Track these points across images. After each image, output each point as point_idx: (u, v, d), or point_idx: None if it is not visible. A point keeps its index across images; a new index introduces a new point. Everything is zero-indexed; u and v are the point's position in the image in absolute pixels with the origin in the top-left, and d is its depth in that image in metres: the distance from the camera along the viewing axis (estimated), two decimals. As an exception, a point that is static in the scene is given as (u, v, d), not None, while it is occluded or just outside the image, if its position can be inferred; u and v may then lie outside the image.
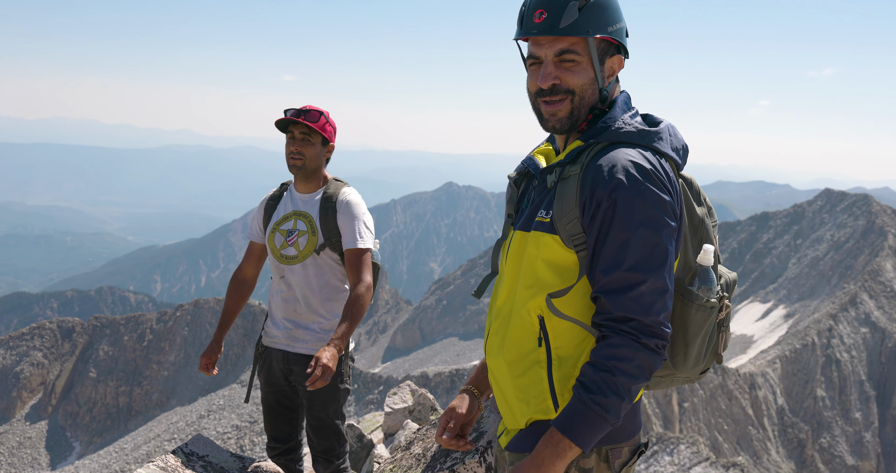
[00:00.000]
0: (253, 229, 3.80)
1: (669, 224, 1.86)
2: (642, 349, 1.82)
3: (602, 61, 1.98)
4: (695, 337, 2.02)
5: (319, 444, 3.65)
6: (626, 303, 1.83)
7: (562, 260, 1.92)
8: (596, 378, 1.81)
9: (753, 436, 42.68)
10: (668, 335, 1.86)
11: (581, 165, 1.92)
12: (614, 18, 1.95)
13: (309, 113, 3.49)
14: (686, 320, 2.01)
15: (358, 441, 5.93)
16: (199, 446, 3.65)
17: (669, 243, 1.86)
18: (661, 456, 27.70)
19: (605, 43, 1.97)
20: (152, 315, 56.50)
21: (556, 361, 1.95)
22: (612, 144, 1.93)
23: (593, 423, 1.80)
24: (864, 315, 49.97)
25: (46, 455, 48.11)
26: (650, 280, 1.82)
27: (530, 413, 1.99)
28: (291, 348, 3.58)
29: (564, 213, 1.90)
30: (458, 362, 64.64)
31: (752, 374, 45.65)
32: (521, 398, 2.00)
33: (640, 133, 1.95)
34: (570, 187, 1.91)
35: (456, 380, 50.10)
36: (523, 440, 2.01)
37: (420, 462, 3.74)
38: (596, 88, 1.98)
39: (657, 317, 1.83)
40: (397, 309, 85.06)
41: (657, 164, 1.90)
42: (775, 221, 69.57)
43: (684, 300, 1.99)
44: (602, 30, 1.93)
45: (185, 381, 51.52)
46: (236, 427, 44.69)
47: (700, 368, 2.13)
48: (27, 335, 54.05)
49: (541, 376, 1.96)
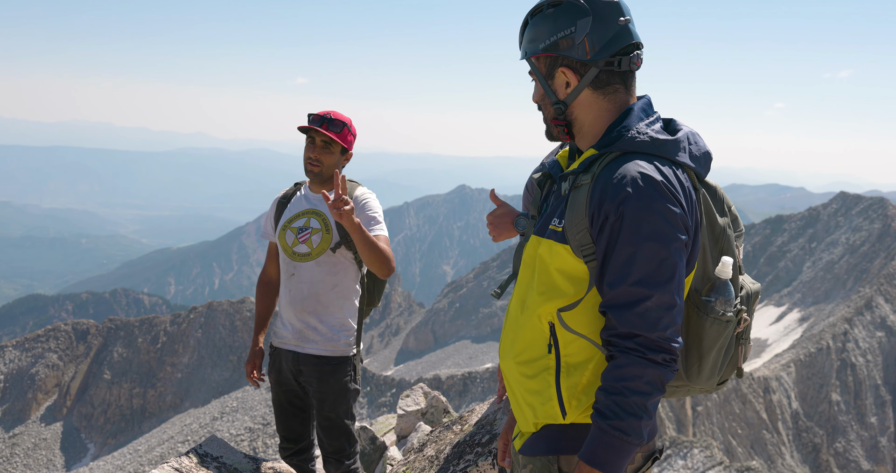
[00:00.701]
0: (266, 229, 3.79)
1: (679, 238, 1.83)
2: (650, 365, 1.80)
3: (551, 76, 2.00)
4: (709, 350, 2.00)
5: (329, 444, 3.66)
6: (632, 319, 1.81)
7: (573, 270, 1.91)
8: (609, 403, 1.80)
9: (768, 440, 42.43)
10: (677, 349, 1.83)
11: (592, 175, 1.90)
12: (548, 31, 1.96)
13: (333, 122, 3.49)
14: (701, 332, 1.98)
15: (371, 443, 5.94)
16: (214, 447, 3.66)
17: (678, 257, 1.83)
18: (674, 460, 27.59)
19: (549, 58, 1.99)
20: (166, 318, 56.76)
21: (565, 368, 1.94)
22: (626, 154, 1.91)
23: (618, 449, 1.80)
24: (879, 319, 49.61)
25: (61, 457, 48.38)
26: (656, 295, 1.80)
27: (537, 419, 1.99)
28: (301, 348, 3.58)
29: (574, 223, 1.89)
30: (471, 365, 64.57)
31: (766, 378, 45.40)
32: (529, 403, 2.00)
33: (653, 142, 1.91)
34: (581, 197, 1.90)
35: (468, 383, 50.06)
36: (535, 443, 2.01)
37: (433, 463, 3.74)
38: (549, 104, 2.02)
39: (663, 332, 1.81)
40: (410, 312, 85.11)
41: (670, 175, 1.87)
42: (790, 224, 69.18)
43: (699, 312, 1.97)
44: (534, 48, 1.99)
45: (199, 383, 51.72)
46: (249, 430, 44.82)
47: (716, 380, 2.10)
48: (42, 337, 54.41)
49: (549, 382, 1.95)
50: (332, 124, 3.48)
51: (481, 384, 49.62)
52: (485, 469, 3.37)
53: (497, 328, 75.20)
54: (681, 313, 1.85)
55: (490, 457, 3.30)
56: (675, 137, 1.96)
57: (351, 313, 3.61)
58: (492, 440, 3.36)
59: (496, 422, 3.45)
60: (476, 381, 50.17)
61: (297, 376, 3.64)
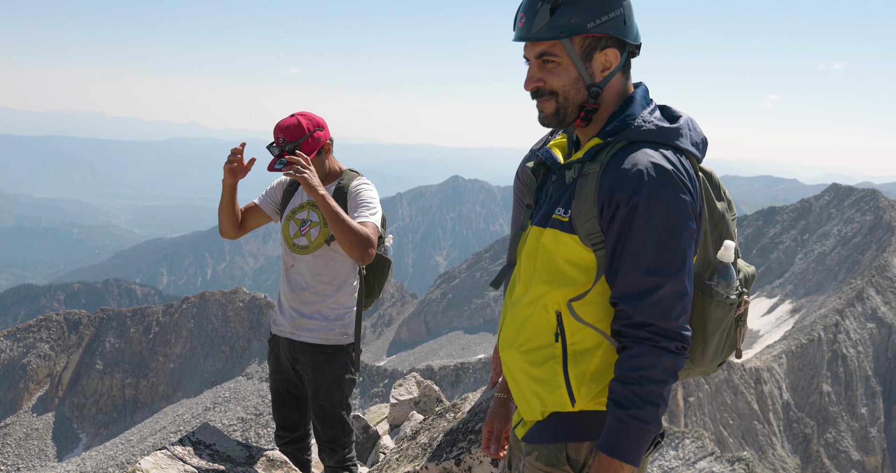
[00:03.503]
0: (267, 200, 3.72)
1: (689, 226, 1.84)
2: (664, 353, 1.81)
3: (589, 58, 1.94)
4: (714, 333, 2.02)
5: (324, 433, 3.67)
6: (645, 308, 1.82)
7: (580, 259, 1.91)
8: (627, 393, 1.81)
9: (759, 431, 42.66)
10: (688, 338, 1.85)
11: (600, 164, 1.89)
12: (598, 11, 1.90)
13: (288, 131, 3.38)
14: (705, 315, 1.99)
15: (364, 432, 5.95)
16: (207, 435, 3.66)
17: (688, 245, 1.85)
18: (666, 451, 27.70)
19: (592, 39, 1.93)
20: (158, 308, 56.70)
21: (572, 356, 1.94)
22: (632, 143, 1.91)
23: (637, 438, 1.81)
24: (870, 311, 49.86)
25: (53, 447, 48.37)
26: (668, 284, 1.82)
27: (544, 407, 1.99)
28: (296, 336, 3.59)
29: (582, 212, 1.89)
30: (463, 355, 64.73)
31: (757, 369, 45.62)
32: (535, 392, 2.00)
33: (660, 131, 1.91)
34: (589, 186, 1.89)
35: (461, 373, 50.17)
36: (542, 431, 2.01)
37: (426, 451, 3.74)
38: (582, 87, 1.95)
39: (676, 321, 1.83)
40: (402, 303, 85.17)
41: (678, 163, 1.88)
42: (782, 216, 69.43)
43: (703, 296, 1.98)
44: (579, 28, 1.89)
45: (191, 373, 51.71)
46: (242, 420, 44.87)
47: (717, 361, 2.12)
48: (34, 327, 54.31)
49: (556, 370, 1.95)
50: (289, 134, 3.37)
51: (474, 374, 49.73)
52: (478, 455, 3.38)
53: (490, 319, 75.32)
54: (690, 300, 1.87)
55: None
56: (677, 124, 1.96)
57: (348, 303, 3.61)
58: (485, 427, 3.36)
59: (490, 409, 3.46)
60: (469, 371, 50.27)
61: (293, 364, 3.65)
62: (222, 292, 56.48)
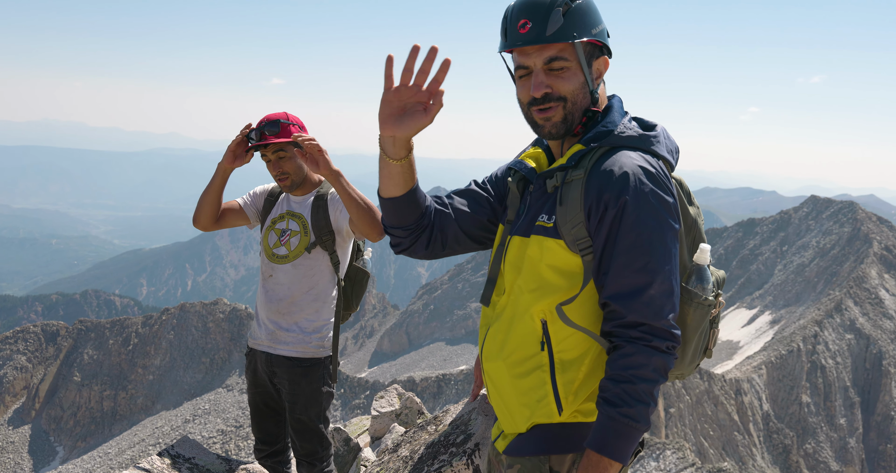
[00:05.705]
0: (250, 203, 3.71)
1: (674, 227, 1.89)
2: (655, 353, 1.84)
3: (589, 64, 1.98)
4: (693, 334, 2.05)
5: (302, 447, 3.65)
6: (638, 307, 1.84)
7: (566, 265, 1.93)
8: (618, 391, 1.82)
9: (739, 442, 42.82)
10: (678, 337, 1.88)
11: (585, 170, 1.92)
12: (596, 21, 1.96)
13: (269, 125, 3.37)
14: (685, 317, 2.02)
15: (345, 445, 5.91)
16: (186, 448, 3.63)
17: (674, 245, 1.89)
18: (647, 462, 27.75)
19: (591, 46, 1.97)
20: (138, 319, 56.21)
21: (559, 365, 1.95)
22: (614, 148, 1.95)
23: (626, 435, 1.83)
24: (849, 322, 50.27)
25: (30, 460, 47.73)
26: (657, 282, 1.85)
27: (532, 418, 1.99)
28: (273, 349, 3.58)
29: (569, 217, 1.91)
30: (445, 367, 64.57)
31: (737, 380, 45.83)
32: (523, 403, 2.00)
33: (641, 137, 1.97)
34: (574, 192, 1.91)
35: (443, 385, 50.04)
36: (524, 443, 2.01)
37: (407, 464, 3.73)
38: (587, 92, 1.98)
39: (667, 319, 1.86)
40: (384, 314, 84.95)
41: (658, 167, 1.92)
42: (762, 227, 69.98)
43: (682, 298, 2.01)
44: (586, 33, 1.93)
45: (171, 385, 51.25)
46: (221, 432, 44.49)
47: (696, 364, 2.15)
48: (11, 339, 53.64)
49: (543, 380, 1.96)
50: (271, 128, 3.37)
51: (455, 386, 49.62)
52: (459, 468, 3.36)
53: (472, 330, 75.27)
54: (679, 299, 1.91)
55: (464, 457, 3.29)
56: (654, 131, 2.02)
57: (325, 315, 3.60)
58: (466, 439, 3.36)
59: (471, 422, 3.44)
60: (450, 383, 50.16)
61: (271, 377, 3.63)
62: (202, 303, 56.07)
